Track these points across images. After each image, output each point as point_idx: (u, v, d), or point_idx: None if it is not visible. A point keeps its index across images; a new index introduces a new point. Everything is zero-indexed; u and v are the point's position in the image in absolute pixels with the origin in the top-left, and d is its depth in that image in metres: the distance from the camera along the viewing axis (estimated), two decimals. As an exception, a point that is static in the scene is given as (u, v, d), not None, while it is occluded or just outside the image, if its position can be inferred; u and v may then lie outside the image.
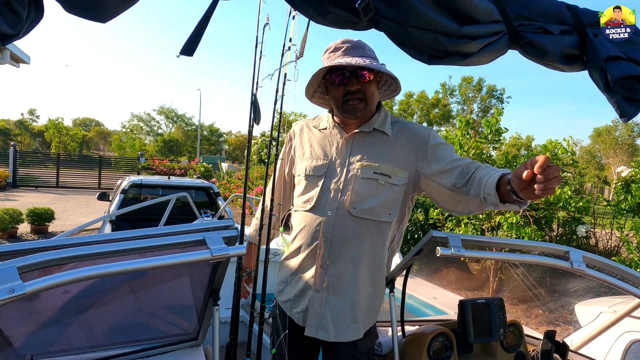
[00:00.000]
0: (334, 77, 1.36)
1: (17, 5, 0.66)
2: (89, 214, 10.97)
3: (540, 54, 1.11)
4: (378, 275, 1.43)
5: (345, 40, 1.38)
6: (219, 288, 1.24)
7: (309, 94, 1.52)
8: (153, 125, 50.41)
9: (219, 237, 0.98)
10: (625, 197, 5.25)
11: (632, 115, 1.11)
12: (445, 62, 1.04)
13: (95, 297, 1.34)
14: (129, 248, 0.88)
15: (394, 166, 1.38)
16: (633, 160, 26.23)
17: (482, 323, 1.43)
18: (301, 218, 1.46)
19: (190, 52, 0.89)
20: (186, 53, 0.88)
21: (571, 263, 1.27)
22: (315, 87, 1.50)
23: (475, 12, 0.99)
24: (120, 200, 5.26)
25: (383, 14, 0.92)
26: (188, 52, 0.88)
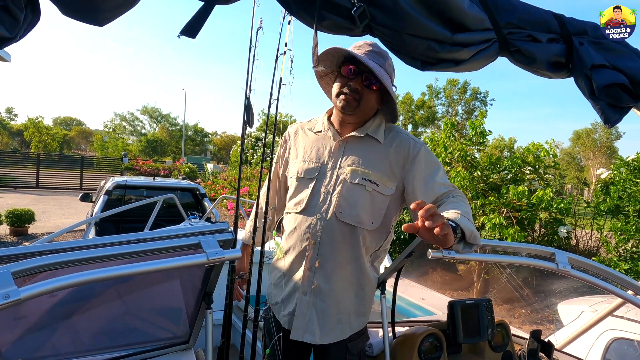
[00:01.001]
0: (346, 68, 1.37)
1: (15, 8, 0.65)
2: (70, 215, 10.75)
3: (529, 62, 1.14)
4: (364, 280, 1.44)
5: (374, 43, 1.39)
6: (212, 291, 1.24)
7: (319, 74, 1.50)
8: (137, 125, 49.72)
9: (214, 241, 0.98)
10: (604, 199, 5.38)
11: (616, 121, 1.15)
12: (438, 68, 1.06)
13: (85, 301, 1.32)
14: (125, 252, 0.88)
15: (382, 175, 1.40)
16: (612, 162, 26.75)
17: (471, 323, 1.46)
18: (292, 220, 1.47)
19: (192, 34, 0.83)
20: (188, 34, 0.83)
21: (557, 264, 1.30)
22: (328, 71, 1.50)
23: (467, 20, 1.01)
24: (104, 202, 5.17)
25: (378, 21, 0.94)
26: (190, 33, 0.83)
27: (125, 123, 49.21)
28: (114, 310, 1.40)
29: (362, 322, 1.46)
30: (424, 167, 1.38)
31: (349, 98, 1.37)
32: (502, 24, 1.09)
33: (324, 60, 1.44)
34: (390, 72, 1.40)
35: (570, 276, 1.31)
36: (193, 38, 0.84)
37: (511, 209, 5.49)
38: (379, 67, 1.33)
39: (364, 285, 1.44)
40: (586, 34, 1.19)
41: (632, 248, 5.00)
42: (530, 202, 5.43)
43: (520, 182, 5.97)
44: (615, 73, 1.12)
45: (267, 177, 1.58)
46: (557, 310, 3.09)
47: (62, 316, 1.30)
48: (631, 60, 1.15)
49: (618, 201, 5.16)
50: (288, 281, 1.45)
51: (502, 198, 5.62)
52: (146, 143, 44.29)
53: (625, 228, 4.98)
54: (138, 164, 20.81)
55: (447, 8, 0.96)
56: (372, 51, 1.38)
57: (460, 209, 1.17)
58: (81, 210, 11.07)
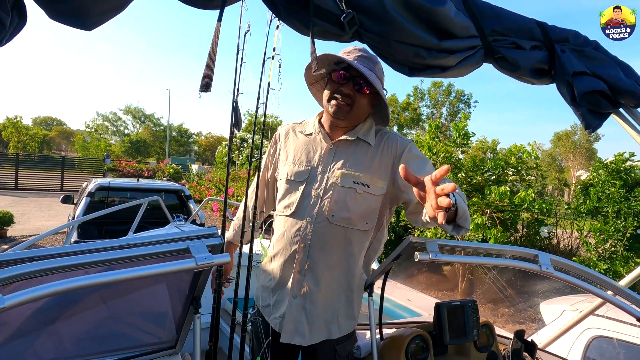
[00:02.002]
0: (336, 74, 1.38)
1: (1, 12, 0.64)
2: (51, 217, 10.52)
3: (513, 68, 1.17)
4: (355, 282, 1.45)
5: (363, 49, 1.39)
6: (200, 296, 1.24)
7: (310, 81, 1.52)
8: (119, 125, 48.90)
9: (203, 246, 0.98)
10: (584, 200, 5.51)
11: (596, 127, 1.19)
12: (425, 74, 1.08)
13: (69, 306, 1.30)
14: (112, 258, 0.87)
15: (373, 176, 1.41)
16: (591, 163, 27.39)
17: (457, 324, 1.49)
18: (281, 223, 1.47)
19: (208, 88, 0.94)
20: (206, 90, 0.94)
21: (540, 266, 1.33)
22: (318, 77, 1.51)
23: (454, 27, 1.03)
24: (87, 204, 5.08)
25: (367, 27, 0.95)
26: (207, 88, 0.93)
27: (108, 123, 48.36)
28: (99, 315, 1.38)
29: (351, 325, 1.47)
30: (412, 158, 1.40)
31: (341, 103, 1.38)
32: (488, 31, 1.11)
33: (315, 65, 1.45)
34: (381, 76, 1.42)
35: (553, 277, 1.34)
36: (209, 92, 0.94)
37: (494, 209, 5.58)
38: (370, 71, 1.34)
39: (354, 287, 1.45)
40: (568, 41, 1.23)
41: (610, 248, 5.14)
42: (512, 202, 5.53)
43: (503, 184, 6.08)
44: (595, 80, 1.15)
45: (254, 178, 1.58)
46: (540, 310, 3.15)
47: (46, 322, 1.28)
48: (611, 68, 1.19)
49: (597, 202, 5.29)
50: (278, 284, 1.46)
51: (486, 199, 5.70)
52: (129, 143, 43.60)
53: (604, 229, 5.11)
54: (121, 165, 20.44)
55: (434, 15, 0.98)
56: (362, 56, 1.39)
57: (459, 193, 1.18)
58: (62, 213, 10.84)
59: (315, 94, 1.58)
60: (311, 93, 1.58)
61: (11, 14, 0.66)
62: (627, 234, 4.97)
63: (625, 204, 5.01)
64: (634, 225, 4.93)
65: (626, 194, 5.09)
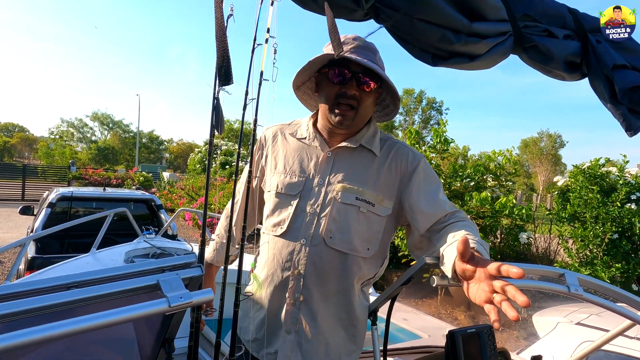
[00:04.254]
0: (333, 73, 1.14)
1: None
2: (9, 229, 9.84)
3: (545, 60, 1.00)
4: (355, 313, 1.25)
5: (357, 37, 1.16)
6: (173, 337, 1.00)
7: (296, 84, 1.29)
8: (86, 132, 47.23)
9: (178, 280, 0.75)
10: (564, 206, 5.52)
11: (639, 128, 1.04)
12: (450, 63, 0.90)
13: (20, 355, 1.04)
14: (64, 302, 0.64)
15: (378, 193, 1.20)
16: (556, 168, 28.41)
17: (473, 354, 1.31)
18: (270, 244, 1.24)
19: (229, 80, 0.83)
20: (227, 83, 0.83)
21: (568, 287, 1.17)
22: (306, 77, 1.27)
23: (486, 7, 0.86)
24: (47, 215, 4.68)
25: (387, 1, 0.76)
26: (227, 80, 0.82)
27: (73, 130, 46.61)
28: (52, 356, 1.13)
29: (354, 359, 1.26)
30: (424, 181, 1.20)
31: (346, 111, 1.15)
32: (519, 15, 0.95)
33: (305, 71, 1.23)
34: (383, 67, 1.20)
35: (583, 299, 1.19)
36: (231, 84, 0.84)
37: (475, 215, 5.52)
38: (372, 62, 1.13)
39: (355, 320, 1.24)
40: (599, 31, 1.08)
41: (591, 254, 5.14)
42: (493, 208, 5.48)
43: (482, 190, 6.04)
44: (638, 75, 1.00)
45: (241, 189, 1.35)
46: (532, 322, 3.04)
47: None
48: (651, 62, 1.05)
49: (577, 208, 5.30)
50: (267, 316, 1.23)
51: (466, 205, 5.64)
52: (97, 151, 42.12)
53: (584, 234, 5.12)
54: (87, 173, 19.57)
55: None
56: (359, 46, 1.16)
57: (476, 236, 1.01)
58: (22, 224, 10.17)
59: (302, 97, 1.35)
60: (298, 98, 1.34)
61: None
62: (605, 239, 4.99)
63: (603, 209, 5.04)
64: (612, 230, 4.95)
65: (603, 200, 5.12)
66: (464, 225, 1.06)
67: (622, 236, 5.05)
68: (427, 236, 1.16)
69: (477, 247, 0.98)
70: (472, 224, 1.10)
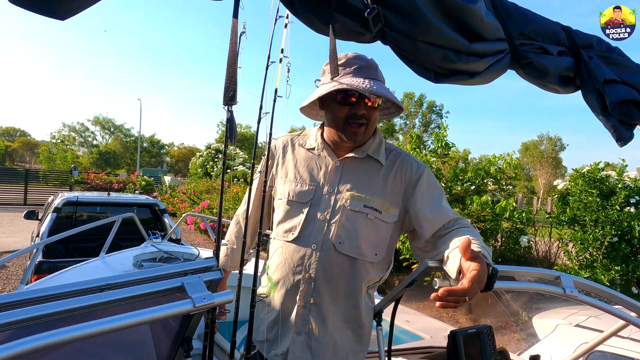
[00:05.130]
0: (341, 97, 1.22)
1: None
2: (12, 233, 9.91)
3: (541, 75, 1.07)
4: (362, 315, 1.31)
5: (357, 56, 1.24)
6: (192, 337, 1.06)
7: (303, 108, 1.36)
8: (87, 136, 47.36)
9: (201, 282, 0.81)
10: (563, 210, 5.57)
11: (629, 139, 1.10)
12: (451, 80, 0.96)
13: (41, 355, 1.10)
14: (93, 304, 0.70)
15: (384, 201, 1.27)
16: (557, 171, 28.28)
17: (474, 353, 1.37)
18: (282, 250, 1.30)
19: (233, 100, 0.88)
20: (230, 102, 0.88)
21: (564, 289, 1.24)
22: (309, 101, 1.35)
23: (484, 28, 0.93)
24: (53, 220, 4.74)
25: (393, 25, 0.83)
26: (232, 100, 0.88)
27: (75, 134, 46.75)
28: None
29: (361, 358, 1.32)
30: (428, 190, 1.27)
31: (356, 127, 1.23)
32: (515, 34, 1.01)
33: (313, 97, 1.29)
34: (383, 80, 1.27)
35: (578, 301, 1.25)
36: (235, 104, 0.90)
37: (475, 219, 5.57)
38: (375, 81, 1.20)
39: (362, 322, 1.30)
40: (592, 47, 1.14)
41: (590, 257, 5.19)
42: (494, 212, 5.53)
43: (482, 193, 6.10)
44: (627, 88, 1.07)
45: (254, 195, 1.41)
46: (532, 324, 3.09)
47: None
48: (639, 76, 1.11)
49: (577, 211, 5.36)
50: (278, 318, 1.29)
51: (467, 209, 5.70)
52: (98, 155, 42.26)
53: (583, 237, 5.18)
54: (89, 177, 19.65)
55: (467, 15, 0.87)
56: (362, 67, 1.22)
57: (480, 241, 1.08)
58: (25, 229, 10.22)
59: (307, 112, 1.40)
60: (301, 112, 1.39)
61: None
62: (604, 242, 5.04)
63: (603, 213, 5.09)
64: (611, 234, 5.00)
65: (603, 203, 5.17)
66: (467, 232, 1.13)
67: (621, 239, 5.11)
68: (432, 241, 1.23)
69: (483, 251, 1.04)
70: (475, 231, 1.16)
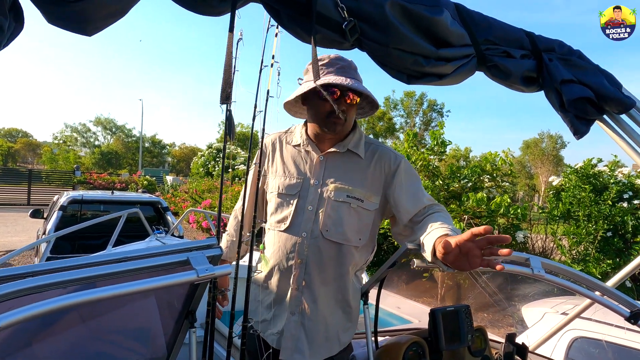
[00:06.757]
0: (321, 92, 1.33)
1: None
2: (17, 232, 10.06)
3: (505, 76, 1.20)
4: (351, 295, 1.44)
5: (339, 57, 1.38)
6: (196, 309, 1.20)
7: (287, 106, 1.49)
8: (89, 137, 47.56)
9: (203, 257, 0.95)
10: (556, 205, 5.70)
11: (584, 132, 1.23)
12: (423, 82, 1.09)
13: (52, 326, 1.24)
14: (110, 272, 0.83)
15: (366, 191, 1.40)
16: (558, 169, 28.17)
17: (452, 330, 1.49)
18: (275, 238, 1.43)
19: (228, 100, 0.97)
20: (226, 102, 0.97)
21: (532, 269, 1.36)
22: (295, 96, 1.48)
23: (450, 36, 1.06)
24: (59, 218, 4.89)
25: (368, 35, 0.96)
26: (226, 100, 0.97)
27: (77, 134, 46.97)
28: (85, 334, 1.32)
29: (349, 335, 1.46)
30: (405, 178, 1.40)
31: (337, 123, 1.35)
32: (480, 40, 1.14)
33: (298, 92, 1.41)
34: (361, 80, 1.41)
35: (544, 280, 1.37)
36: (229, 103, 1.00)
37: (472, 215, 5.69)
38: (357, 82, 1.34)
39: (350, 300, 1.44)
40: (554, 50, 1.27)
41: (584, 250, 5.32)
42: (489, 208, 5.66)
43: (479, 190, 6.22)
44: (582, 87, 1.20)
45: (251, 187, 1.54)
46: (522, 313, 3.22)
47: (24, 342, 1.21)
48: (595, 76, 1.24)
49: (569, 206, 5.48)
50: (275, 300, 1.42)
51: (463, 205, 5.82)
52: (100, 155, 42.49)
53: (576, 232, 5.30)
54: (92, 177, 19.83)
55: (433, 24, 0.99)
56: (343, 67, 1.36)
57: (451, 224, 1.20)
58: (30, 227, 10.38)
59: (289, 108, 1.53)
60: (285, 109, 1.52)
61: (8, 17, 0.63)
62: (597, 236, 5.16)
63: (595, 208, 5.21)
64: (604, 228, 5.12)
65: (596, 198, 5.29)
66: (440, 217, 1.27)
67: (615, 234, 5.23)
68: (410, 226, 1.36)
69: (452, 233, 1.17)
70: (447, 214, 1.30)
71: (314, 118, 1.42)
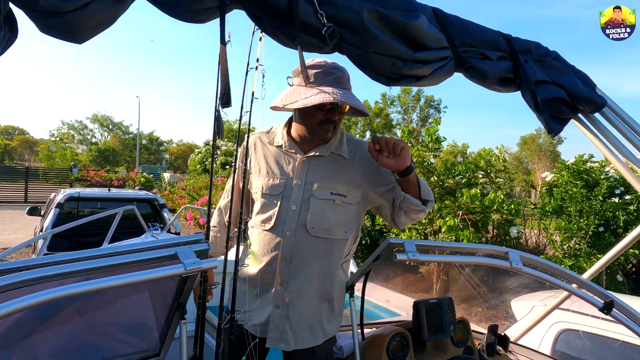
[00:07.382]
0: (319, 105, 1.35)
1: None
2: (15, 230, 10.09)
3: (482, 77, 1.25)
4: (335, 288, 1.49)
5: (335, 67, 1.38)
6: (186, 302, 1.25)
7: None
8: (86, 134, 47.47)
9: (191, 251, 1.00)
10: (549, 200, 5.76)
11: (558, 131, 1.28)
12: (401, 83, 1.14)
13: (47, 318, 1.28)
14: (102, 266, 0.88)
15: (349, 186, 1.45)
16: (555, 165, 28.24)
17: (435, 321, 1.55)
18: (260, 237, 1.47)
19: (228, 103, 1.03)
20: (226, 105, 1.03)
21: (510, 262, 1.41)
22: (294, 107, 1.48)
23: (427, 39, 1.10)
24: (56, 215, 4.93)
25: (346, 39, 1.00)
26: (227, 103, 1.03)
27: (74, 132, 46.87)
28: (79, 326, 1.37)
29: (335, 326, 1.51)
30: None
31: (329, 128, 1.40)
32: (458, 43, 1.19)
33: None
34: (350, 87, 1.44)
35: (522, 273, 1.43)
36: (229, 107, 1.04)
37: (466, 211, 5.76)
38: (350, 92, 1.37)
39: (335, 293, 1.49)
40: (530, 52, 1.32)
41: (575, 245, 5.39)
42: (483, 204, 5.72)
43: (473, 186, 6.28)
44: (556, 88, 1.25)
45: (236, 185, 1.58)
46: (511, 307, 3.28)
47: (23, 335, 1.25)
48: (569, 77, 1.29)
49: (561, 202, 5.55)
50: (259, 294, 1.47)
51: (457, 201, 5.88)
52: (97, 152, 42.42)
53: (568, 227, 5.37)
54: (89, 174, 19.83)
55: (409, 29, 1.04)
56: (338, 79, 1.37)
57: None
58: (27, 225, 10.41)
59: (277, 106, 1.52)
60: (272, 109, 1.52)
61: (3, 28, 0.68)
62: (589, 231, 5.23)
63: (587, 203, 5.28)
64: (595, 223, 5.19)
65: (587, 194, 5.36)
66: None
67: (606, 229, 5.30)
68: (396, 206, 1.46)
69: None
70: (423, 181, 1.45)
71: (305, 123, 1.44)
